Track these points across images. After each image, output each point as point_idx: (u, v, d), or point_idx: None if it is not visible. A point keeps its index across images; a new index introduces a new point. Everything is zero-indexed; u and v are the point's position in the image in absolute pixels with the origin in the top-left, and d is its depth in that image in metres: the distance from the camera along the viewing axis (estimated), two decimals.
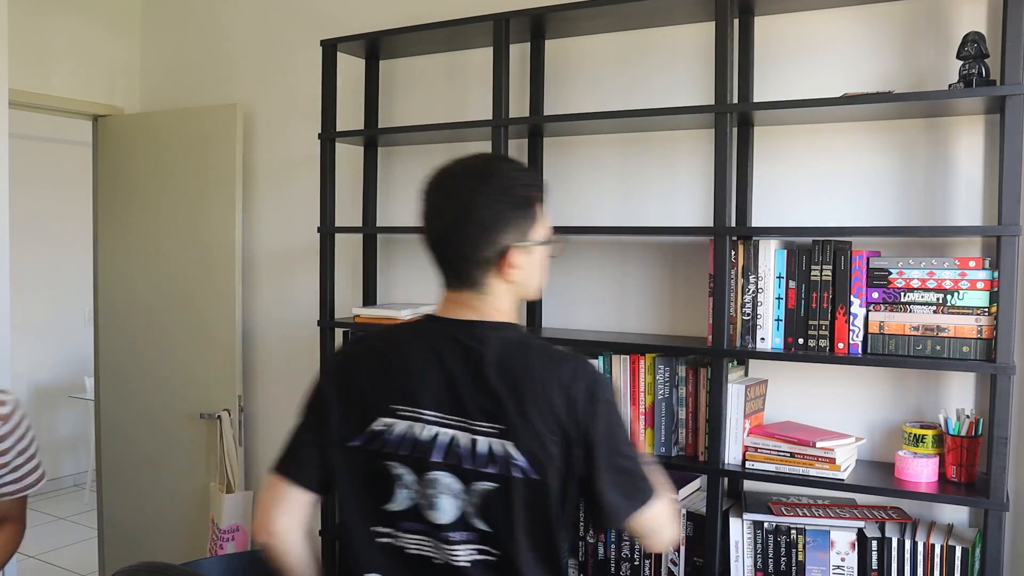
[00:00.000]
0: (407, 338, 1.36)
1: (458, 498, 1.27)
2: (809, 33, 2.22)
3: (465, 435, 1.27)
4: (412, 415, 1.28)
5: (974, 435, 1.93)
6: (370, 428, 1.31)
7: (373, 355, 1.36)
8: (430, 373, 1.29)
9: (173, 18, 3.46)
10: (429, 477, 1.28)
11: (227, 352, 3.19)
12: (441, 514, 1.28)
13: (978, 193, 2.05)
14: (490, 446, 1.26)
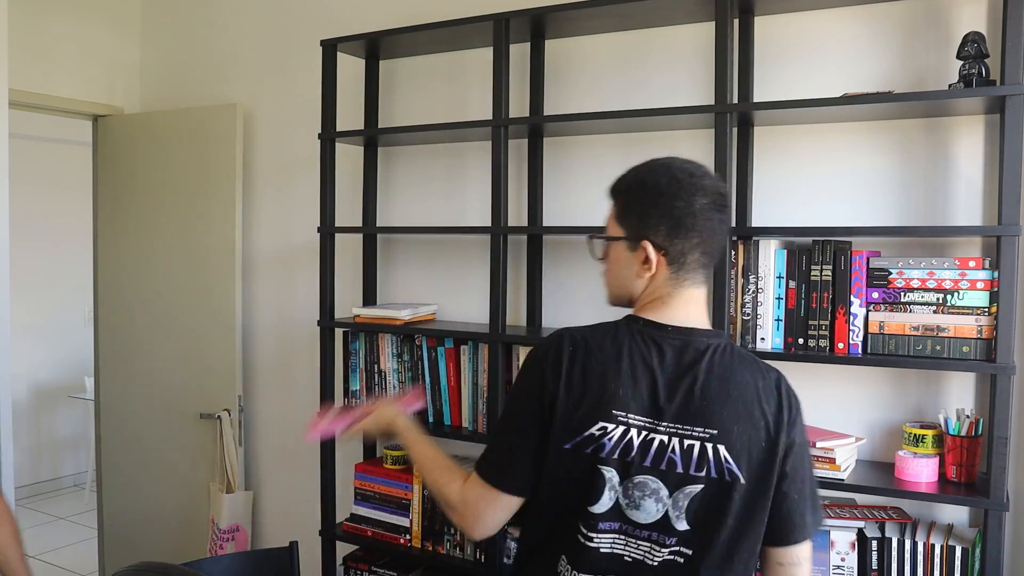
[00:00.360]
0: (623, 340, 1.35)
1: (662, 502, 1.29)
2: (809, 33, 2.22)
3: (676, 439, 1.29)
4: (627, 421, 1.30)
5: (974, 435, 1.93)
6: (588, 431, 1.30)
7: (594, 357, 1.34)
8: (646, 378, 1.31)
9: (173, 18, 3.46)
10: (636, 480, 1.29)
11: (227, 352, 3.19)
12: (644, 515, 1.30)
13: (978, 193, 2.05)
14: (703, 449, 1.28)
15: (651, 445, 1.29)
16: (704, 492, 1.28)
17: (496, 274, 2.37)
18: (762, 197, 2.28)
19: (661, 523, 1.29)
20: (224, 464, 3.12)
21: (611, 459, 1.29)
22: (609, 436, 1.29)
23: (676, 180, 1.34)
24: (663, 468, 1.28)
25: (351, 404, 1.73)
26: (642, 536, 1.30)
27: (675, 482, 1.29)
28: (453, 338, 2.51)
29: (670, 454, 1.28)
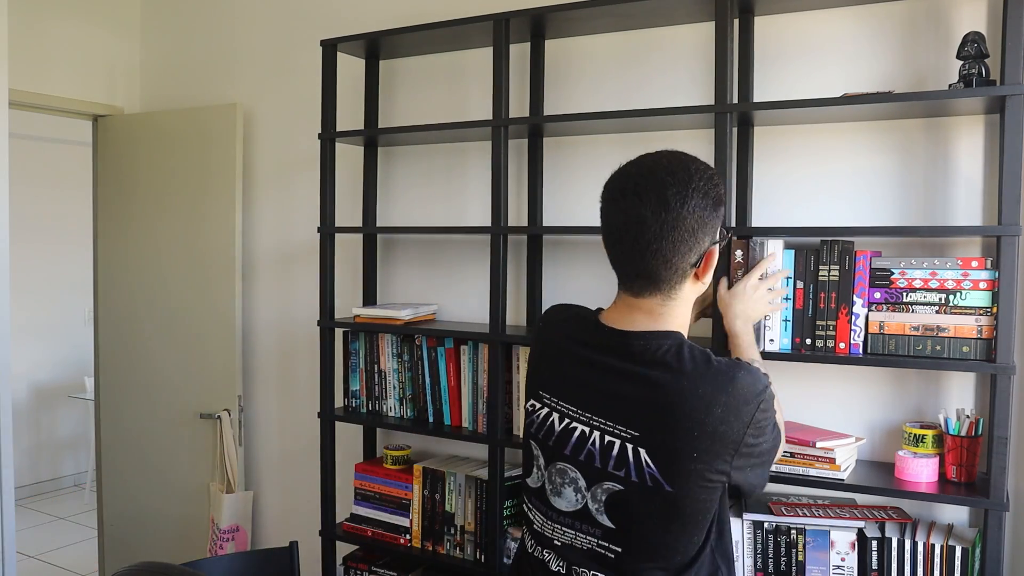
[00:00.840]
0: (572, 329, 1.40)
1: (581, 492, 1.31)
2: (809, 33, 2.22)
3: (597, 432, 1.29)
4: (552, 404, 1.34)
5: (974, 435, 1.93)
6: (529, 402, 1.40)
7: (547, 331, 1.44)
8: (581, 368, 1.33)
9: (173, 18, 3.46)
10: (558, 466, 1.33)
11: (227, 352, 3.19)
12: (565, 503, 1.33)
13: (978, 193, 2.05)
14: (623, 448, 1.27)
15: (572, 433, 1.31)
16: (625, 494, 1.26)
17: (496, 274, 2.37)
18: (762, 197, 2.28)
19: (582, 513, 1.31)
20: (224, 464, 3.12)
21: (538, 437, 1.37)
22: (537, 413, 1.36)
23: (608, 187, 1.43)
24: (582, 459, 1.30)
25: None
26: (566, 523, 1.34)
27: (593, 476, 1.30)
28: (453, 338, 2.51)
29: (589, 446, 1.29)
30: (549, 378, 1.35)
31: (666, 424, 1.25)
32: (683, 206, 1.28)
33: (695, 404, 1.24)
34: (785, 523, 2.05)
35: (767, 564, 2.07)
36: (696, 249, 1.31)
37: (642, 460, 1.25)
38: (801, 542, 2.03)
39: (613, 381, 1.30)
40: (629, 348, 1.31)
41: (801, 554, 2.03)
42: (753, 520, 2.08)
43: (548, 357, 1.39)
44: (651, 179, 1.31)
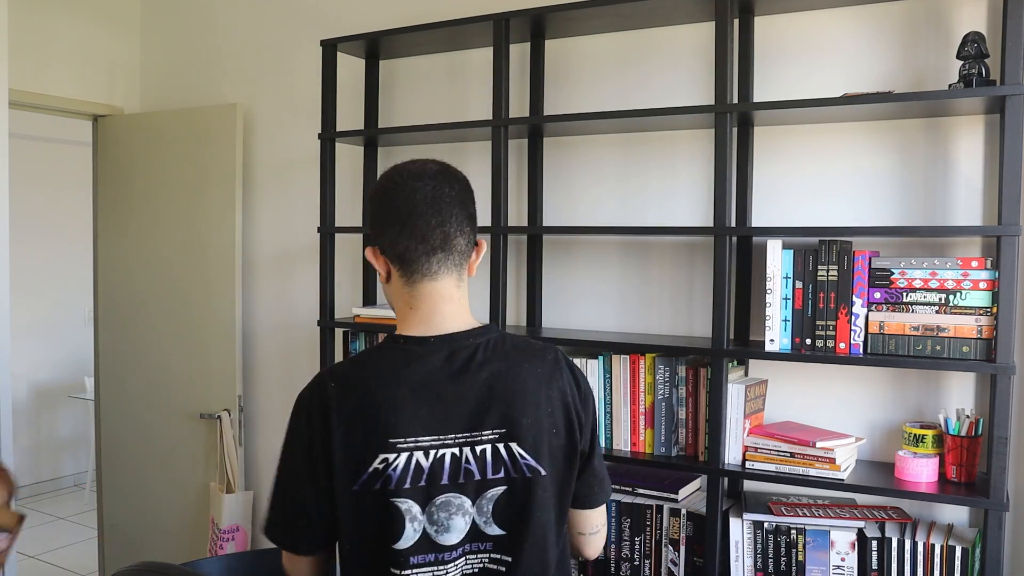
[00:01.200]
0: (385, 367, 1.27)
1: (468, 514, 1.25)
2: (809, 33, 2.22)
3: (467, 448, 1.24)
4: (410, 445, 1.22)
5: (974, 435, 1.93)
6: (371, 468, 1.21)
7: (358, 391, 1.25)
8: (416, 398, 1.23)
9: (173, 18, 3.46)
10: (439, 502, 1.23)
11: (227, 352, 3.19)
12: (453, 535, 1.24)
13: (978, 193, 2.05)
14: (496, 451, 1.25)
15: (443, 462, 1.23)
16: (507, 493, 1.25)
17: (496, 274, 2.37)
18: (762, 197, 2.28)
19: (472, 533, 1.25)
20: (224, 464, 3.12)
21: (402, 489, 1.21)
22: (393, 467, 1.21)
23: (395, 181, 1.31)
24: (461, 481, 1.23)
25: None
26: (456, 556, 1.25)
27: (475, 491, 1.24)
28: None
29: (465, 465, 1.23)
30: (395, 423, 1.21)
31: (523, 410, 1.26)
32: (459, 193, 1.39)
33: (538, 382, 1.28)
34: (785, 523, 2.05)
35: (767, 564, 2.07)
36: (472, 234, 1.38)
37: (515, 453, 1.25)
38: (801, 542, 2.03)
39: (457, 392, 1.25)
40: (460, 350, 1.28)
41: (801, 554, 2.03)
42: (753, 520, 2.08)
43: (379, 405, 1.23)
44: (428, 176, 1.36)
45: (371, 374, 1.26)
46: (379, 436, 1.21)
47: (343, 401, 1.23)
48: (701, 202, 2.37)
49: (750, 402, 2.12)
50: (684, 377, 2.19)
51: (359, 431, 1.22)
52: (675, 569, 2.16)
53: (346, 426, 1.22)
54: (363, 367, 1.29)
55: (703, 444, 2.14)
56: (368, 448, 1.21)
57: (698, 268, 2.37)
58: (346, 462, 1.22)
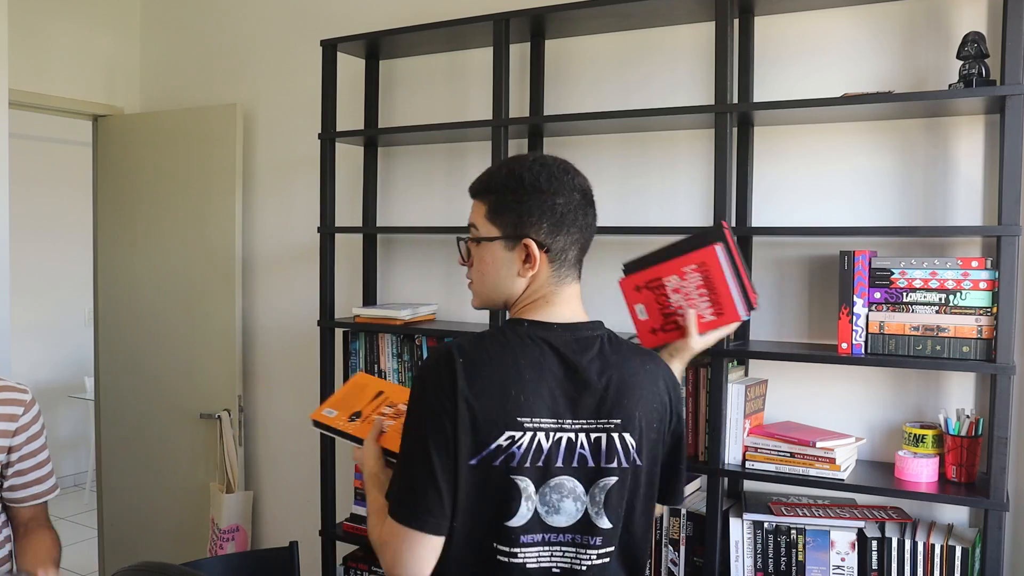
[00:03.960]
0: (514, 346, 1.29)
1: (580, 500, 1.27)
2: (809, 33, 2.22)
3: (582, 435, 1.27)
4: (534, 426, 1.25)
5: (974, 435, 1.93)
6: (496, 443, 1.23)
7: (489, 367, 1.26)
8: (544, 381, 1.27)
9: (173, 18, 3.46)
10: (553, 483, 1.27)
11: (227, 352, 3.19)
12: (564, 518, 1.27)
13: (978, 193, 2.05)
14: (611, 440, 1.28)
15: (560, 444, 1.26)
16: (618, 484, 1.29)
17: None
18: (762, 197, 2.28)
19: (582, 523, 1.28)
20: (224, 464, 3.12)
21: (523, 468, 1.24)
22: (518, 444, 1.24)
23: (555, 177, 1.33)
24: (575, 465, 1.27)
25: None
26: (566, 541, 1.28)
27: (589, 478, 1.28)
28: (453, 338, 2.51)
29: (580, 450, 1.27)
30: (523, 402, 1.24)
31: (637, 404, 1.30)
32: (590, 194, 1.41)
33: (650, 379, 1.34)
34: (785, 523, 2.05)
35: (767, 564, 2.07)
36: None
37: (628, 444, 1.29)
38: (801, 542, 2.03)
39: (579, 379, 1.28)
40: (583, 339, 1.32)
41: (801, 554, 2.03)
42: (753, 520, 2.08)
43: (509, 383, 1.25)
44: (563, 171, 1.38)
45: (499, 351, 1.28)
46: (507, 412, 1.24)
47: (472, 376, 1.24)
48: (701, 202, 2.37)
49: (750, 402, 2.12)
50: (684, 377, 2.19)
51: (486, 407, 1.24)
52: (675, 569, 2.16)
53: (474, 401, 1.23)
54: (491, 345, 1.30)
55: (703, 444, 2.14)
56: (496, 423, 1.24)
57: None
58: (470, 436, 1.23)
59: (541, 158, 1.37)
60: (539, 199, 1.31)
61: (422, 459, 1.24)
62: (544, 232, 1.31)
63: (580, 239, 1.35)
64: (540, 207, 1.31)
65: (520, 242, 1.32)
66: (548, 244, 1.32)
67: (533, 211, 1.31)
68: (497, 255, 1.35)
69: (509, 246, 1.33)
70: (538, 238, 1.31)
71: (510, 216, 1.33)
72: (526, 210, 1.31)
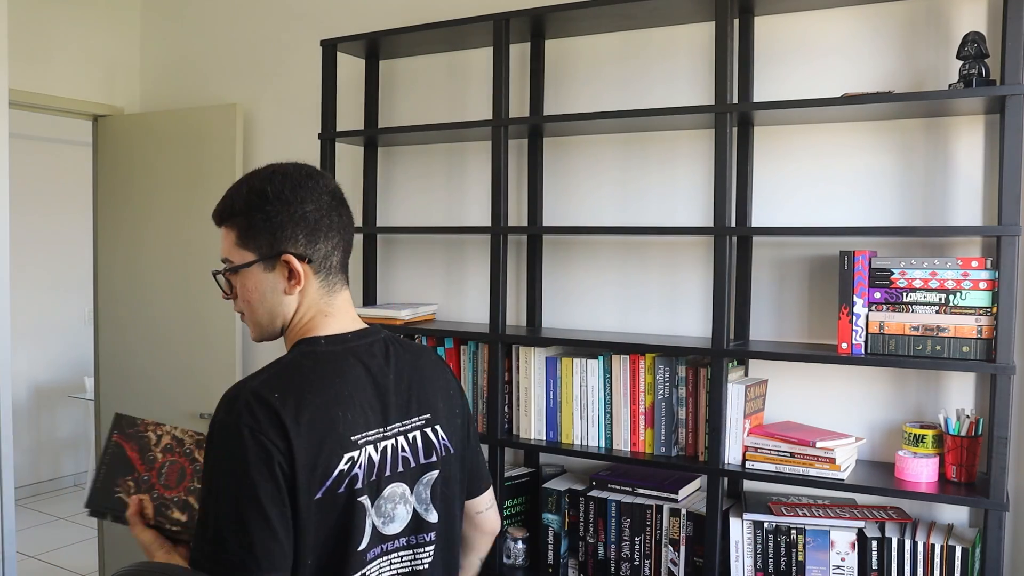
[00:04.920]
0: (325, 369, 1.23)
1: (408, 502, 1.26)
2: (809, 33, 2.22)
3: (401, 437, 1.26)
4: (364, 440, 1.20)
5: (974, 435, 1.93)
6: (338, 470, 1.15)
7: (306, 393, 1.18)
8: (357, 394, 1.22)
9: (173, 18, 3.46)
10: (386, 494, 1.22)
11: (227, 352, 3.19)
12: (397, 524, 1.24)
13: (978, 193, 2.05)
14: (425, 436, 1.29)
15: (387, 453, 1.23)
16: (440, 476, 1.30)
17: (496, 274, 2.37)
18: (762, 197, 2.28)
19: (413, 524, 1.26)
20: None
21: (365, 486, 1.19)
22: (359, 464, 1.17)
23: (299, 184, 1.24)
24: (401, 470, 1.25)
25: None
26: (400, 546, 1.24)
27: (414, 477, 1.27)
28: (453, 338, 2.51)
29: (403, 453, 1.25)
30: (351, 420, 1.18)
31: (436, 395, 1.33)
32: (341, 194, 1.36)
33: (437, 370, 1.37)
34: (785, 523, 2.05)
35: (767, 564, 2.07)
36: None
37: (440, 435, 1.31)
38: (801, 542, 2.03)
39: (385, 384, 1.26)
40: (373, 344, 1.30)
41: (801, 554, 2.03)
42: (753, 520, 2.08)
43: (333, 405, 1.18)
44: (322, 178, 1.31)
45: (312, 375, 1.20)
46: (341, 435, 1.16)
47: (295, 407, 1.14)
48: (701, 202, 2.37)
49: (750, 402, 2.12)
50: (684, 377, 2.19)
51: (320, 435, 1.14)
52: (675, 569, 2.16)
53: (307, 432, 1.13)
54: (297, 370, 1.22)
55: (703, 444, 2.14)
56: (334, 449, 1.15)
57: (698, 268, 2.37)
58: (308, 471, 1.12)
59: (280, 167, 1.28)
60: (288, 210, 1.23)
61: (257, 514, 1.09)
62: (301, 243, 1.23)
63: (340, 242, 1.28)
64: (291, 218, 1.23)
65: (279, 259, 1.24)
66: (309, 255, 1.24)
67: (285, 224, 1.23)
68: (259, 279, 1.27)
69: (269, 267, 1.25)
70: (296, 251, 1.23)
71: (262, 236, 1.24)
72: (277, 224, 1.23)
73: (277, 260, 1.25)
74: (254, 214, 1.25)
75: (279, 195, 1.24)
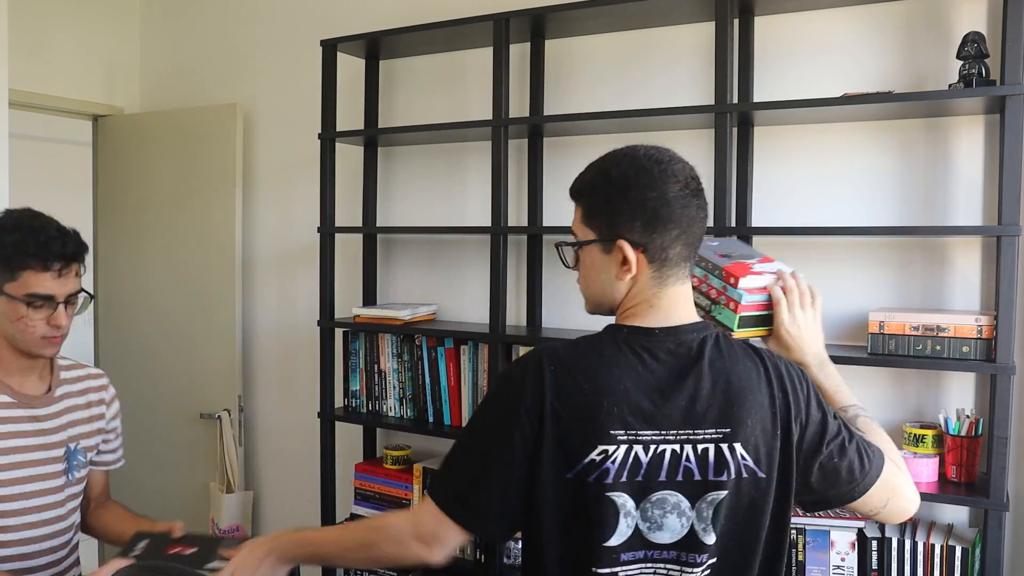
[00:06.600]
0: (609, 354, 1.22)
1: (685, 515, 1.18)
2: (809, 33, 2.22)
3: (688, 446, 1.18)
4: (630, 438, 1.17)
5: (974, 435, 1.93)
6: (588, 458, 1.16)
7: (581, 376, 1.19)
8: (641, 390, 1.19)
9: (173, 18, 3.46)
10: (655, 498, 1.18)
11: (227, 352, 3.19)
12: (668, 535, 1.19)
13: (978, 193, 2.05)
14: (719, 451, 1.18)
15: (663, 458, 1.17)
16: (730, 498, 1.19)
17: (496, 274, 2.37)
18: (762, 197, 2.28)
19: (687, 540, 1.19)
20: (224, 464, 3.12)
21: (619, 483, 1.16)
22: (612, 459, 1.16)
23: (644, 169, 1.21)
24: (679, 479, 1.18)
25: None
26: (669, 558, 1.19)
27: (695, 492, 1.18)
28: (453, 338, 2.51)
29: (685, 463, 1.18)
30: (617, 414, 1.16)
31: (747, 410, 1.19)
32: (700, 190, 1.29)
33: (757, 381, 1.21)
34: None
35: None
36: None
37: (739, 455, 1.18)
38: (801, 542, 2.03)
39: (681, 386, 1.19)
40: (685, 343, 1.23)
41: (801, 554, 2.03)
42: None
43: (602, 393, 1.18)
44: (686, 167, 1.26)
45: (594, 361, 1.21)
46: (598, 425, 1.16)
47: (561, 386, 1.18)
48: None
49: None
50: None
51: (577, 417, 1.17)
52: None
53: (563, 413, 1.17)
54: (585, 353, 1.23)
55: None
56: (587, 436, 1.17)
57: None
58: (562, 448, 1.17)
59: (632, 150, 1.26)
60: (627, 195, 1.21)
61: (489, 463, 1.21)
62: (638, 231, 1.21)
63: (682, 235, 1.22)
64: (629, 204, 1.21)
65: (615, 244, 1.23)
66: (644, 243, 1.21)
67: (623, 209, 1.21)
68: (596, 259, 1.27)
69: (606, 249, 1.25)
70: (632, 238, 1.21)
71: (602, 217, 1.24)
72: (616, 209, 1.22)
73: (613, 244, 1.23)
74: (596, 195, 1.26)
75: (622, 179, 1.22)
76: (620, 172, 1.23)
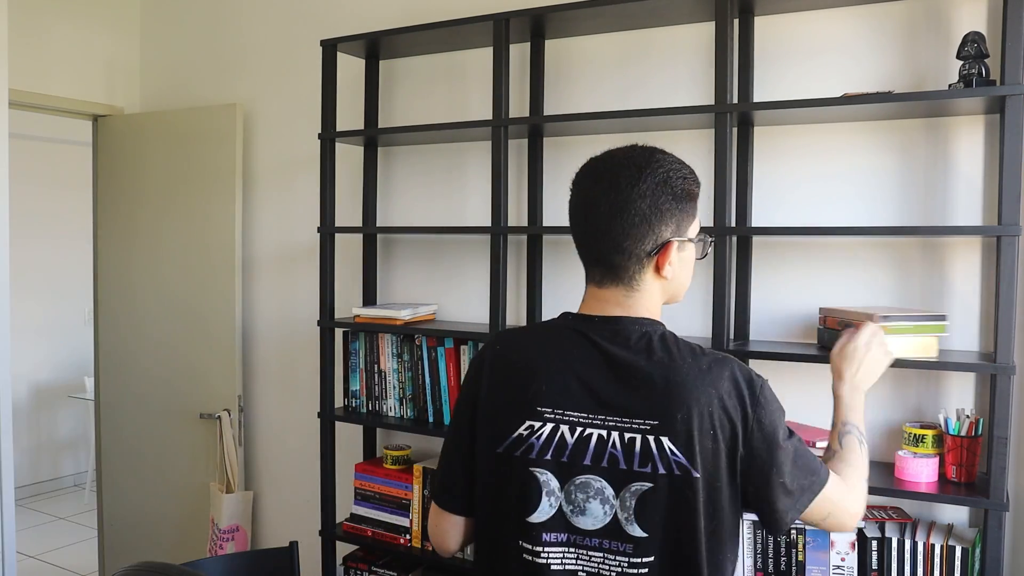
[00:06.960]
0: (549, 336, 1.30)
1: (608, 503, 1.20)
2: (809, 33, 2.22)
3: (617, 434, 1.20)
4: (557, 417, 1.22)
5: (974, 435, 1.93)
6: (516, 432, 1.23)
7: (517, 354, 1.29)
8: (574, 371, 1.23)
9: (173, 18, 3.46)
10: (578, 481, 1.21)
11: (227, 352, 3.19)
12: (591, 520, 1.20)
13: (978, 193, 2.05)
14: (645, 442, 1.19)
15: (589, 441, 1.20)
16: (654, 491, 1.18)
17: (496, 274, 2.37)
18: (762, 197, 2.28)
19: (610, 528, 1.20)
20: (224, 464, 3.12)
21: (543, 460, 1.21)
22: (537, 435, 1.22)
23: (581, 173, 1.33)
24: (604, 465, 1.20)
25: None
26: (592, 545, 1.21)
27: (620, 480, 1.19)
28: (453, 338, 2.51)
29: (611, 449, 1.19)
30: (546, 392, 1.22)
31: (680, 405, 1.18)
32: (632, 188, 1.24)
33: (698, 380, 1.20)
34: None
35: (767, 564, 2.07)
36: (650, 236, 1.25)
37: (667, 449, 1.18)
38: (801, 542, 2.03)
39: (616, 374, 1.22)
40: (624, 333, 1.25)
41: (801, 554, 2.03)
42: (753, 520, 2.08)
43: (534, 372, 1.24)
44: (609, 163, 1.29)
45: (533, 341, 1.31)
46: (527, 401, 1.24)
47: (497, 363, 1.29)
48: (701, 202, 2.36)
49: None
50: None
51: (509, 393, 1.26)
52: None
53: (497, 386, 1.27)
54: (532, 333, 1.37)
55: None
56: (516, 411, 1.25)
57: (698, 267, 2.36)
58: (493, 422, 1.27)
59: (609, 152, 1.33)
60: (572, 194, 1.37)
61: (449, 440, 1.35)
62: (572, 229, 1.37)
63: (594, 237, 1.29)
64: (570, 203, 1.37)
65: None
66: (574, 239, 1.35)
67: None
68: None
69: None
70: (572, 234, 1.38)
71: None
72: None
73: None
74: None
75: (575, 180, 1.33)
76: (576, 175, 1.35)
